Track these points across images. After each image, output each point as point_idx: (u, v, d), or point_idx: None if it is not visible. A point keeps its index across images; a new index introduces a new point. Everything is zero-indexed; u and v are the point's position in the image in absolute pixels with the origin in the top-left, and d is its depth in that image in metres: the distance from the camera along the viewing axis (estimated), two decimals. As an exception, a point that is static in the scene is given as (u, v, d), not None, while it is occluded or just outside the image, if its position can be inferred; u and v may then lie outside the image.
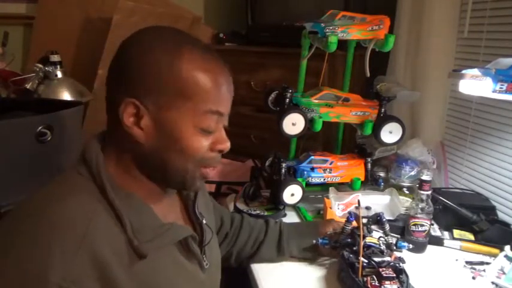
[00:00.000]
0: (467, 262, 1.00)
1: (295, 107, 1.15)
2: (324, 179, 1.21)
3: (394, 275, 0.80)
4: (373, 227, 0.96)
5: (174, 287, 0.66)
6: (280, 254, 0.99)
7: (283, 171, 1.17)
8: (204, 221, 0.76)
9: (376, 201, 1.20)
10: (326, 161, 1.21)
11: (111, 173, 0.62)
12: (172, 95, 0.61)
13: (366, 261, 0.84)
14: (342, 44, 1.13)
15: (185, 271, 0.68)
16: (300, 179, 1.17)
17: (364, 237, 0.87)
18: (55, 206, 0.57)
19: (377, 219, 0.97)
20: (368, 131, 1.17)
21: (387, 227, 0.97)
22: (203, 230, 0.75)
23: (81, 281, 0.53)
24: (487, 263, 0.99)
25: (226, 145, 0.67)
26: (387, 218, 0.99)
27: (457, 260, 1.02)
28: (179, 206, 0.76)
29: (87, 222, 0.56)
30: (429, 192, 1.02)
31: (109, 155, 0.64)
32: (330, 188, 1.21)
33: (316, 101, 1.16)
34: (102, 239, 0.56)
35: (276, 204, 1.20)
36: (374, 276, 0.81)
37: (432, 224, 1.09)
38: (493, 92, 0.90)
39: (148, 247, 0.60)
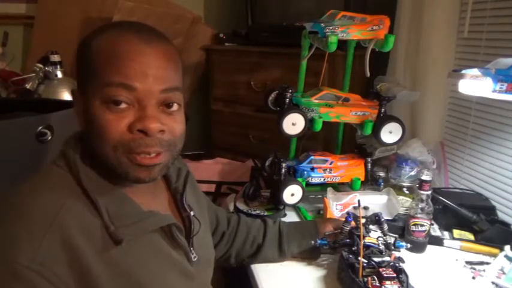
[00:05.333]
0: (467, 262, 1.00)
1: (295, 107, 1.15)
2: (324, 179, 1.21)
3: (395, 275, 0.80)
4: (371, 227, 0.97)
5: (157, 277, 0.64)
6: (281, 255, 0.99)
7: (283, 171, 1.17)
8: (192, 213, 0.75)
9: (374, 201, 1.20)
10: (326, 161, 1.21)
11: (89, 164, 0.62)
12: (86, 74, 0.61)
13: (366, 261, 0.84)
14: (342, 44, 1.13)
15: (170, 261, 0.67)
16: (300, 179, 1.17)
17: (363, 237, 0.87)
18: (27, 197, 0.58)
19: (376, 219, 0.97)
20: (368, 131, 1.17)
21: (386, 226, 0.97)
22: (191, 222, 0.74)
23: (49, 263, 0.53)
24: (487, 263, 0.99)
25: (145, 123, 0.58)
26: (385, 217, 0.99)
27: (457, 260, 1.02)
28: (167, 199, 0.76)
29: (58, 208, 0.56)
30: (429, 192, 1.02)
31: (87, 148, 0.64)
32: (328, 188, 1.21)
33: (316, 101, 1.16)
34: (74, 224, 0.56)
35: (276, 204, 1.20)
36: (375, 277, 0.81)
37: (432, 224, 1.09)
38: (493, 92, 0.90)
39: (124, 232, 0.59)
